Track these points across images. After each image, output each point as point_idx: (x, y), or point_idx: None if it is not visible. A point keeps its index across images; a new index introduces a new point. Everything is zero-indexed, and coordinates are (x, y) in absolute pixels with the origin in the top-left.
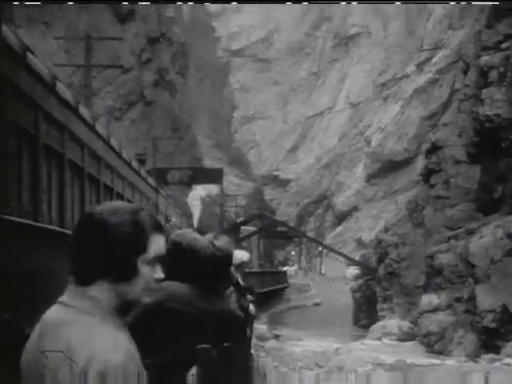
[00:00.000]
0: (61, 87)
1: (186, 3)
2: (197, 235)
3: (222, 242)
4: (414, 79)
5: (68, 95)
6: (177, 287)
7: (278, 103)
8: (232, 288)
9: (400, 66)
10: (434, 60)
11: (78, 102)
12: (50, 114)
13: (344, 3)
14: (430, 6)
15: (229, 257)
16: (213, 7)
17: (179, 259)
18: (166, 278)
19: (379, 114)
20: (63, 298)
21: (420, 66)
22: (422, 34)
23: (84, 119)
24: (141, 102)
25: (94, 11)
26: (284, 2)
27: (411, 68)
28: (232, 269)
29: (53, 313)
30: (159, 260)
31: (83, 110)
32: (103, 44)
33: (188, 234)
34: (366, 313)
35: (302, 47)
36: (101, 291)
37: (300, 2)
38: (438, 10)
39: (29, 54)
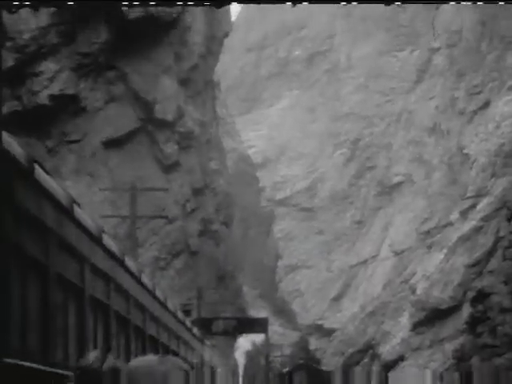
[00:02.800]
0: (107, 239)
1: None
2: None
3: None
4: (458, 227)
5: (114, 247)
6: None
7: (322, 252)
8: None
9: (443, 214)
10: (477, 207)
11: (123, 254)
12: (97, 265)
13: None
14: (473, 155)
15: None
16: (257, 159)
17: None
18: None
19: (423, 262)
20: None
21: (464, 214)
22: (465, 181)
23: (130, 271)
24: (185, 252)
25: (139, 165)
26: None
27: (455, 216)
28: None
29: None
30: None
31: (129, 262)
32: (148, 195)
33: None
34: None
35: (345, 196)
36: None
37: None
38: (481, 158)
39: (75, 207)
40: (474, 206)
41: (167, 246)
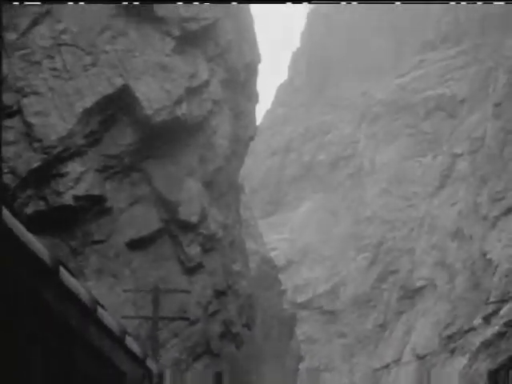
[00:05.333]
0: (130, 341)
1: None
2: None
3: None
4: (481, 332)
5: (136, 348)
6: None
7: (344, 355)
8: None
9: (466, 319)
10: (500, 313)
11: (146, 356)
12: (119, 366)
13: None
14: (496, 260)
15: None
16: (279, 261)
17: None
18: None
19: (446, 367)
20: None
21: (487, 319)
22: (488, 286)
23: (151, 372)
24: (207, 353)
25: (162, 267)
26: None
27: (478, 321)
28: None
29: None
30: None
31: (150, 363)
32: (170, 296)
33: None
34: None
35: (367, 299)
36: None
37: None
38: (505, 264)
39: (99, 308)
40: (497, 312)
41: (188, 348)
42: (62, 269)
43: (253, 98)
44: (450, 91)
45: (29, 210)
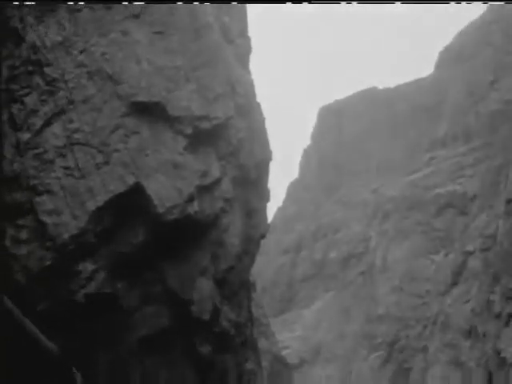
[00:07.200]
0: None
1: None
2: None
3: None
4: None
5: None
6: None
7: None
8: None
9: None
10: None
11: None
12: None
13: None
14: (509, 358)
15: None
16: (292, 359)
17: None
18: None
19: None
20: None
21: None
22: None
23: None
24: None
25: (174, 363)
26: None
27: None
28: None
29: None
30: None
31: None
32: None
33: None
34: None
35: None
36: None
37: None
38: None
39: None
40: None
41: None
42: (74, 371)
43: (264, 195)
44: (462, 188)
45: (40, 308)
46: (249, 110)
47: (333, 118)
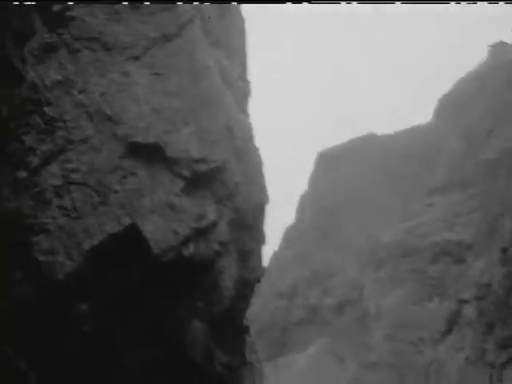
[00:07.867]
0: None
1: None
2: None
3: None
4: None
5: None
6: None
7: None
8: None
9: None
10: None
11: None
12: None
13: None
14: None
15: None
16: None
17: None
18: None
19: None
20: None
21: None
22: None
23: None
24: None
25: None
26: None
27: None
28: None
29: None
30: None
31: None
32: None
33: None
34: None
35: None
36: None
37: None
38: None
39: None
40: None
41: None
42: None
43: (260, 238)
44: (457, 236)
45: (32, 346)
46: (246, 154)
47: (329, 164)
